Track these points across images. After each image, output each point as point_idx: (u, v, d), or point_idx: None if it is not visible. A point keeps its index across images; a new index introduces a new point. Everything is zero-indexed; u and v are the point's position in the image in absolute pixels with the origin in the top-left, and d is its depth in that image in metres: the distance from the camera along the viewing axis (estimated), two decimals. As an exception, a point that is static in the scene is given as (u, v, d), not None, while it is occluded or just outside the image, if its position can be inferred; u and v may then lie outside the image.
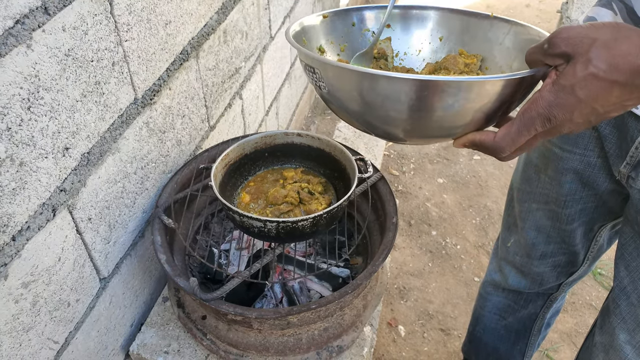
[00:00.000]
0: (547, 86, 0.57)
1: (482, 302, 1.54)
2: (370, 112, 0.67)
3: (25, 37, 0.80)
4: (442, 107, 0.62)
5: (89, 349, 1.17)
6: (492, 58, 0.83)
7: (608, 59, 0.53)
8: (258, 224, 1.06)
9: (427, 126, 0.66)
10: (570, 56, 0.55)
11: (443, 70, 0.83)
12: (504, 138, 0.61)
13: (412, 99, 0.61)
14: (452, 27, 0.87)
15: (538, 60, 0.60)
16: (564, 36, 0.56)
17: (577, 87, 0.54)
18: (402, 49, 0.89)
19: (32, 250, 0.91)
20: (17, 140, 0.82)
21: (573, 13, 2.86)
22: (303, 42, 0.80)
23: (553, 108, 0.56)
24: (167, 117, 1.31)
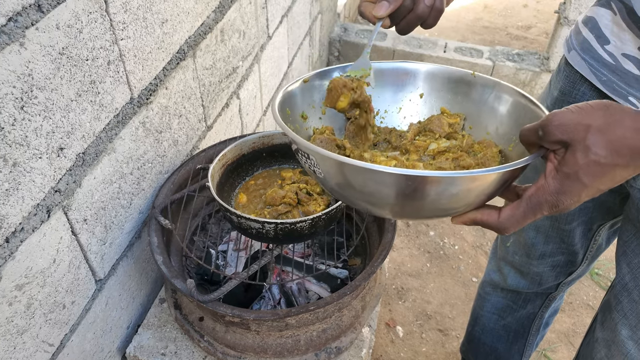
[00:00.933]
0: (551, 173, 0.58)
1: (481, 302, 1.54)
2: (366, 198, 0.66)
3: (18, 35, 0.78)
4: (439, 197, 0.61)
5: (85, 352, 1.15)
6: (476, 117, 0.83)
7: (606, 145, 0.54)
8: (256, 225, 1.04)
9: (422, 212, 0.66)
10: (567, 143, 0.56)
11: (428, 132, 0.83)
12: (509, 219, 0.62)
13: (408, 191, 0.60)
14: (433, 84, 0.86)
15: (534, 143, 0.61)
16: (557, 124, 0.57)
17: (581, 174, 0.55)
18: (382, 106, 0.89)
19: (26, 252, 0.90)
20: (10, 140, 0.81)
21: (571, 13, 2.86)
22: (287, 113, 0.79)
23: (560, 195, 0.57)
24: (164, 117, 1.29)
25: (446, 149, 0.79)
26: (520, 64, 3.17)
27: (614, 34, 0.88)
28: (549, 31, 4.02)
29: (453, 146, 0.80)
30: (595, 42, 0.92)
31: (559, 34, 2.99)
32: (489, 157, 0.75)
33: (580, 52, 0.96)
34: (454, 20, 4.32)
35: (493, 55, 3.24)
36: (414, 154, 0.80)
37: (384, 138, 0.87)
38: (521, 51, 3.28)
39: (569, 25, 2.93)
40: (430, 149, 0.80)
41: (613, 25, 0.88)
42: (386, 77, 0.87)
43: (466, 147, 0.79)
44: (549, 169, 0.59)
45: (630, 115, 0.54)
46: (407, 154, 0.81)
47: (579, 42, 0.97)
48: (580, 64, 0.96)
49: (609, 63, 0.89)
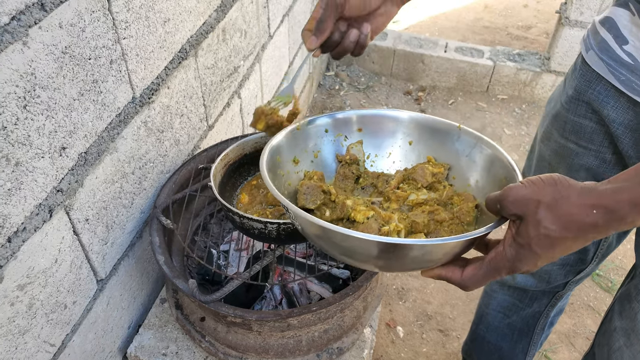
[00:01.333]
0: (508, 241, 0.63)
1: (487, 300, 1.54)
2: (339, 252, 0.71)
3: (21, 34, 0.78)
4: (408, 258, 0.66)
5: (86, 352, 1.15)
6: (459, 168, 0.87)
7: (555, 220, 0.58)
8: (258, 225, 1.04)
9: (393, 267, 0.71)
10: (521, 217, 0.61)
11: (411, 181, 0.88)
12: (471, 279, 0.66)
13: (379, 252, 0.65)
14: (421, 133, 0.91)
15: (495, 212, 0.66)
16: (511, 199, 0.61)
17: (533, 245, 0.60)
18: (373, 151, 0.94)
19: (28, 252, 0.89)
20: (12, 140, 0.80)
21: (572, 13, 2.86)
22: (277, 160, 0.85)
23: (516, 262, 0.62)
24: (166, 117, 1.29)
25: (424, 202, 0.84)
26: (521, 64, 3.16)
27: (632, 34, 0.88)
28: (550, 31, 4.02)
29: (431, 199, 0.85)
30: (614, 42, 0.92)
31: (560, 34, 2.99)
32: (465, 211, 0.79)
33: (598, 52, 0.96)
34: (454, 20, 4.32)
35: (494, 55, 3.24)
36: (395, 202, 0.85)
37: (371, 182, 0.93)
38: (522, 51, 3.28)
39: (571, 26, 2.93)
40: (410, 200, 0.85)
41: (632, 25, 0.88)
42: (377, 124, 0.93)
43: (445, 199, 0.84)
44: (507, 238, 0.63)
45: (576, 191, 0.58)
46: (389, 202, 0.86)
47: (597, 42, 0.97)
48: (598, 64, 0.96)
49: (628, 63, 0.89)
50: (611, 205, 0.55)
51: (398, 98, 3.30)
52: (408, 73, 3.38)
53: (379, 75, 3.46)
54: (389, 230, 0.76)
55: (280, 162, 0.85)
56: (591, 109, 1.01)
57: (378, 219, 0.78)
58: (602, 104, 0.97)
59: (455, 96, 3.33)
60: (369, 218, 0.78)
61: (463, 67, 3.24)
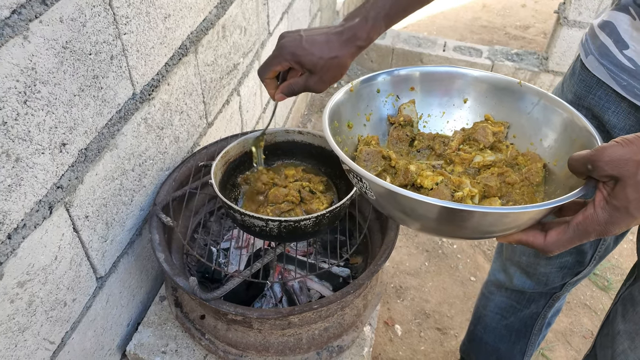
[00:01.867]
0: (600, 204, 0.60)
1: (484, 302, 1.54)
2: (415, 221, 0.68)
3: (22, 27, 0.77)
4: (486, 224, 0.63)
5: (85, 349, 1.14)
6: (520, 127, 0.83)
7: None
8: (259, 223, 1.04)
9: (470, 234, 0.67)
10: (617, 178, 0.57)
11: (472, 141, 0.83)
12: (556, 244, 0.64)
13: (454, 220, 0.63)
14: (478, 90, 0.86)
15: (582, 173, 0.63)
16: (607, 159, 0.58)
17: (631, 208, 0.57)
18: (426, 111, 0.89)
19: (28, 249, 0.88)
20: (13, 135, 0.79)
21: (570, 13, 2.86)
22: (335, 125, 0.80)
23: (609, 225, 0.59)
24: (166, 113, 1.28)
25: (491, 163, 0.80)
26: (519, 64, 3.17)
27: (633, 38, 0.88)
28: (547, 31, 4.02)
29: (498, 160, 0.80)
30: (614, 47, 0.91)
31: (558, 34, 2.99)
32: (534, 172, 0.76)
33: (599, 57, 0.95)
34: (452, 20, 4.32)
35: (492, 55, 3.24)
36: (459, 165, 0.81)
37: (427, 144, 0.87)
38: (520, 51, 3.28)
39: (569, 26, 2.93)
40: (475, 162, 0.80)
41: (632, 29, 0.88)
42: (432, 81, 0.87)
43: (510, 160, 0.80)
44: (598, 200, 0.60)
45: None
46: (452, 165, 0.81)
47: (596, 46, 0.96)
48: (599, 69, 0.95)
49: (629, 68, 0.89)
50: None
51: (396, 97, 3.30)
52: (406, 72, 3.38)
53: (377, 73, 3.45)
54: (462, 196, 0.72)
55: (338, 128, 0.81)
56: (591, 114, 1.00)
57: (448, 184, 0.74)
58: (603, 110, 0.96)
59: (453, 95, 3.33)
60: (439, 184, 0.74)
61: (462, 65, 3.24)
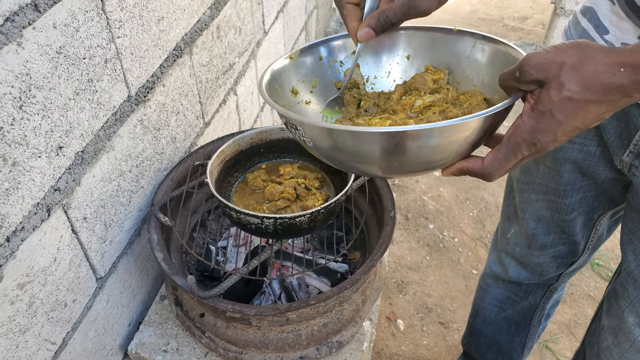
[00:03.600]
0: (527, 112, 0.60)
1: (482, 294, 1.54)
2: (356, 160, 0.69)
3: (16, 34, 0.78)
4: (426, 150, 0.63)
5: (87, 349, 1.16)
6: (462, 71, 0.84)
7: (579, 81, 0.55)
8: (255, 220, 1.05)
9: (412, 166, 0.68)
10: (542, 82, 0.58)
11: (414, 90, 0.84)
12: (492, 164, 0.64)
13: (394, 148, 0.63)
14: (417, 45, 0.87)
15: (512, 87, 0.63)
16: (533, 63, 0.58)
17: (555, 111, 0.57)
18: (371, 73, 0.90)
19: (27, 251, 0.90)
20: (9, 140, 0.81)
21: (567, 3, 2.86)
22: (276, 90, 0.81)
23: (536, 133, 0.59)
24: (162, 114, 1.30)
25: (431, 103, 0.80)
26: (517, 56, 3.16)
27: (613, 23, 0.88)
28: (545, 22, 4.01)
29: (438, 99, 0.81)
30: (595, 32, 0.92)
31: (556, 25, 2.99)
32: (474, 105, 0.76)
33: None
34: (450, 13, 4.32)
35: (490, 48, 3.24)
36: (402, 113, 0.81)
37: (373, 102, 0.88)
38: (518, 42, 3.28)
39: (566, 16, 2.93)
40: (416, 106, 0.81)
41: (612, 15, 0.88)
42: (372, 44, 0.87)
43: (451, 100, 0.81)
44: (525, 108, 0.60)
45: (603, 51, 0.56)
46: (396, 114, 0.82)
47: (577, 32, 0.97)
48: None
49: None
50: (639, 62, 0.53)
51: (395, 92, 3.30)
52: (405, 67, 3.38)
53: (376, 69, 3.46)
54: None
55: (280, 92, 0.82)
56: None
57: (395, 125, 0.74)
58: None
59: (452, 89, 3.33)
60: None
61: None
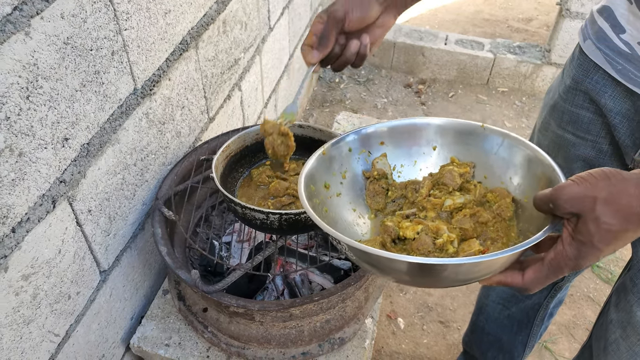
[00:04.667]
0: (567, 240, 0.62)
1: (486, 292, 1.54)
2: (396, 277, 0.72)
3: (24, 24, 0.78)
4: (462, 275, 0.66)
5: (90, 342, 1.16)
6: (489, 167, 0.87)
7: (615, 215, 0.58)
8: (260, 216, 1.05)
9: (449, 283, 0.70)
10: (578, 214, 0.60)
11: (442, 185, 0.87)
12: (533, 282, 0.66)
13: (429, 274, 0.66)
14: (444, 137, 0.90)
15: (547, 211, 0.66)
16: (566, 198, 0.61)
17: (595, 241, 0.60)
18: (398, 162, 0.93)
19: (32, 242, 0.90)
20: (16, 130, 0.81)
21: (573, 5, 2.85)
22: (311, 189, 0.83)
23: (579, 260, 0.62)
24: (167, 108, 1.29)
25: (461, 205, 0.83)
26: (522, 57, 3.16)
27: (629, 22, 0.88)
28: (550, 24, 4.01)
29: (468, 201, 0.83)
30: (611, 31, 0.92)
31: (561, 26, 2.98)
32: (504, 207, 0.79)
33: (596, 41, 0.96)
34: (454, 13, 4.31)
35: (494, 48, 3.23)
36: (431, 211, 0.84)
37: (400, 193, 0.91)
38: (522, 43, 3.27)
39: (571, 18, 2.92)
40: (446, 205, 0.84)
41: (629, 14, 0.88)
42: (400, 134, 0.92)
43: (479, 198, 0.84)
44: (565, 236, 0.63)
45: (632, 183, 0.58)
46: (424, 211, 0.85)
47: (594, 31, 0.97)
48: (595, 53, 0.96)
49: (625, 52, 0.89)
50: None
51: (398, 91, 3.30)
52: (408, 66, 3.38)
53: (379, 68, 3.46)
54: (443, 242, 0.76)
55: (315, 191, 0.84)
56: (589, 98, 1.01)
57: (428, 231, 0.78)
58: (600, 93, 0.97)
59: (455, 89, 3.33)
60: (419, 232, 0.77)
61: (463, 59, 3.24)
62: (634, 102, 0.92)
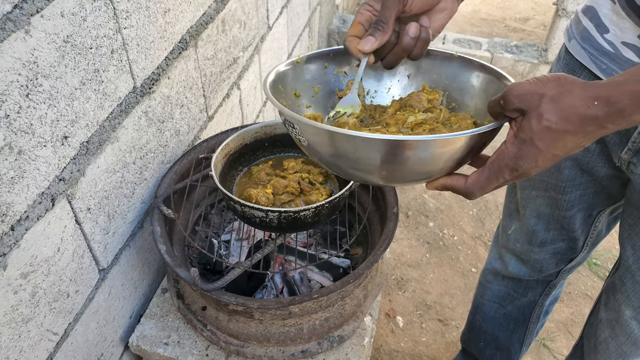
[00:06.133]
0: (510, 139, 0.63)
1: (482, 291, 1.55)
2: (346, 164, 0.71)
3: (24, 22, 0.78)
4: (414, 161, 0.66)
5: (88, 341, 1.16)
6: (459, 95, 0.88)
7: (557, 112, 0.59)
8: (259, 214, 1.05)
9: (400, 175, 0.71)
10: (524, 111, 0.61)
11: (408, 107, 0.87)
12: (474, 184, 0.67)
13: (385, 155, 0.66)
14: (419, 65, 0.91)
15: (498, 113, 0.66)
16: (516, 93, 0.62)
17: (535, 139, 0.60)
18: (372, 86, 0.94)
19: (31, 240, 0.90)
20: (15, 128, 0.81)
21: (569, 4, 2.86)
22: (279, 90, 0.84)
23: (518, 159, 0.62)
24: (166, 107, 1.29)
25: (423, 121, 0.83)
26: (519, 56, 3.17)
27: (613, 22, 0.89)
28: (547, 23, 4.02)
29: (430, 118, 0.84)
30: (595, 31, 0.93)
31: (557, 26, 2.99)
32: (464, 127, 0.79)
33: (580, 41, 0.96)
34: (452, 12, 4.32)
35: (491, 47, 3.24)
36: (394, 126, 0.84)
37: (369, 114, 0.91)
38: (519, 43, 3.28)
39: (567, 17, 2.93)
40: (409, 122, 0.84)
41: (612, 14, 0.89)
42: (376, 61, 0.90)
43: (443, 120, 0.84)
44: (509, 136, 0.64)
45: (579, 85, 0.59)
46: (388, 127, 0.85)
47: (579, 31, 0.97)
48: (580, 53, 0.96)
49: (609, 51, 0.90)
50: (612, 97, 0.56)
51: (396, 90, 3.30)
52: (406, 65, 3.38)
53: (377, 67, 3.46)
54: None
55: (283, 92, 0.85)
56: None
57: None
58: None
59: (453, 88, 3.33)
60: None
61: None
62: None
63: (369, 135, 0.64)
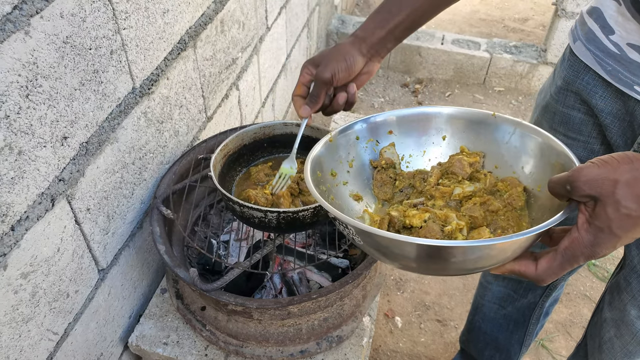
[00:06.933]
0: (584, 226, 0.60)
1: (482, 292, 1.55)
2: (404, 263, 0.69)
3: (23, 23, 0.78)
4: (480, 257, 0.63)
5: (88, 340, 1.16)
6: (500, 157, 0.84)
7: (635, 199, 0.55)
8: (258, 214, 1.05)
9: (457, 270, 0.68)
10: (596, 198, 0.58)
11: (451, 175, 0.85)
12: (546, 272, 0.63)
13: (437, 257, 0.63)
14: (454, 126, 0.88)
15: (562, 195, 0.63)
16: (584, 180, 0.58)
17: (614, 227, 0.57)
18: (407, 151, 0.91)
19: (31, 241, 0.90)
20: (15, 129, 0.81)
21: (568, 5, 2.86)
22: (318, 176, 0.82)
23: (595, 247, 0.59)
24: (165, 107, 1.30)
25: (471, 193, 0.81)
26: (518, 56, 3.17)
27: (618, 24, 0.89)
28: (546, 23, 4.02)
29: (477, 189, 0.81)
30: (600, 33, 0.93)
31: (557, 26, 3.00)
32: (515, 196, 0.77)
33: (586, 42, 0.97)
34: (451, 13, 4.32)
35: (490, 47, 3.25)
36: (440, 199, 0.82)
37: (408, 183, 0.89)
38: (518, 43, 3.29)
39: (567, 17, 2.94)
40: (455, 194, 0.81)
41: (618, 15, 0.89)
42: (409, 123, 0.90)
43: (489, 187, 0.81)
44: (581, 222, 0.60)
45: None
46: (433, 200, 0.82)
47: (584, 32, 0.98)
48: (585, 54, 0.97)
49: (614, 53, 0.90)
50: None
51: (395, 90, 3.31)
52: (405, 65, 3.39)
53: (376, 67, 3.46)
54: (452, 230, 0.73)
55: (321, 177, 0.83)
56: (580, 99, 1.02)
57: (436, 220, 0.75)
58: (591, 94, 0.98)
59: (452, 88, 3.34)
60: (426, 220, 0.75)
61: (460, 59, 3.25)
62: (625, 103, 0.93)
63: (433, 242, 0.60)
